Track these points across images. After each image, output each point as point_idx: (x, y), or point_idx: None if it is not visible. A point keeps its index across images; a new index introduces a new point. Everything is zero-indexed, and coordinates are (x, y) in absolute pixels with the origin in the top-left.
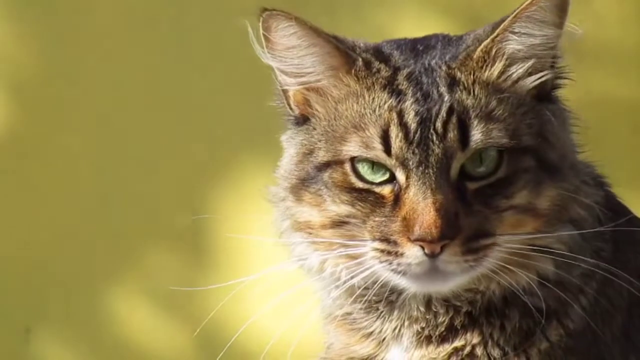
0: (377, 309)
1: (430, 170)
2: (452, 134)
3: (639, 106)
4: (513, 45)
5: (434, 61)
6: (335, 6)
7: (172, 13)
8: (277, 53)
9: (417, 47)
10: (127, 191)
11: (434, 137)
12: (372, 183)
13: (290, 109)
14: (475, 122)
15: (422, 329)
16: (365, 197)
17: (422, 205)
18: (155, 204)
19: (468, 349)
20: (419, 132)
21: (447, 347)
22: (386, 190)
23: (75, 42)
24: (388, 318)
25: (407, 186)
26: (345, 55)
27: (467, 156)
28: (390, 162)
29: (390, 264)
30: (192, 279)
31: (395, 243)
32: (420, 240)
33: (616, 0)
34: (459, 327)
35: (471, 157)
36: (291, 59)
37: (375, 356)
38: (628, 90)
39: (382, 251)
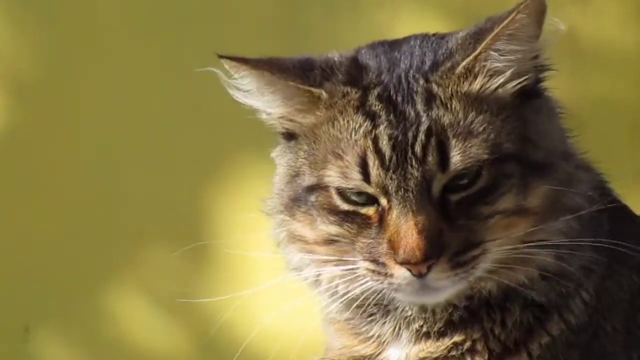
0: (374, 315)
1: (410, 194)
2: (431, 158)
3: (638, 106)
4: (495, 62)
5: (411, 72)
6: (334, 6)
7: (172, 13)
8: (242, 95)
9: (394, 55)
10: (127, 191)
11: (413, 161)
12: (357, 204)
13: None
14: (454, 142)
15: (420, 326)
16: (352, 218)
17: (404, 228)
18: (156, 203)
19: (468, 343)
20: (394, 157)
21: (447, 342)
22: (371, 211)
23: (75, 43)
24: (386, 322)
25: (390, 208)
26: (308, 92)
27: (449, 177)
28: (370, 189)
29: (382, 283)
30: (192, 278)
31: (383, 264)
32: (406, 264)
33: (616, 0)
34: (457, 322)
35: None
36: (257, 100)
37: (377, 355)
38: (627, 90)
39: (373, 271)
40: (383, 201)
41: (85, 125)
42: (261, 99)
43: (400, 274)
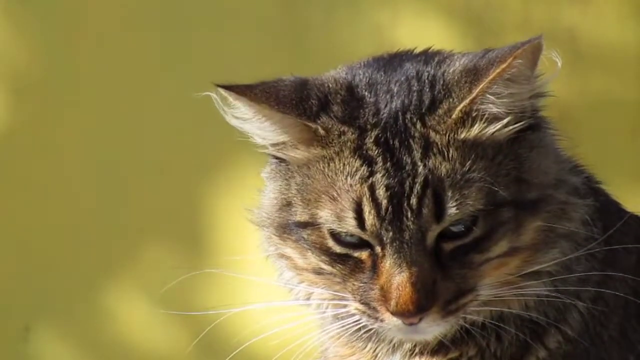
0: (367, 334)
1: (405, 245)
2: (426, 210)
3: (638, 106)
4: (493, 107)
5: (408, 114)
6: (333, 5)
7: (172, 14)
8: (238, 122)
9: (390, 87)
10: (127, 190)
11: (408, 214)
12: (349, 247)
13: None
14: (450, 193)
15: (414, 346)
16: (345, 260)
17: (397, 279)
18: (155, 203)
19: (465, 359)
20: (390, 208)
21: (442, 359)
22: (364, 255)
23: (75, 42)
24: (379, 340)
25: (383, 256)
26: (305, 126)
27: (443, 227)
28: (364, 235)
29: (372, 324)
30: (192, 278)
31: (375, 309)
32: (398, 315)
33: (616, 0)
34: (450, 341)
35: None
36: (252, 127)
37: None
38: (627, 91)
39: (364, 312)
40: (377, 248)
41: (85, 125)
42: (257, 127)
43: (392, 321)
